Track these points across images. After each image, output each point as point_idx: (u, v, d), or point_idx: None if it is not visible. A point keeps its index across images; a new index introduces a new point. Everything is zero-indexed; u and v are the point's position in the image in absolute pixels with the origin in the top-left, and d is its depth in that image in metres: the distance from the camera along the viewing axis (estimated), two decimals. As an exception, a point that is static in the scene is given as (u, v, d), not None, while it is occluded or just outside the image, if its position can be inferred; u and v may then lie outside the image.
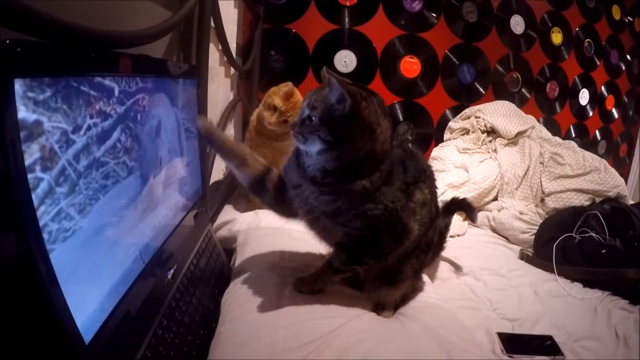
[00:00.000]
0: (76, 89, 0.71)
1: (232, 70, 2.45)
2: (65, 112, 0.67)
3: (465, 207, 1.85)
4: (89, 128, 0.74)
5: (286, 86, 1.89)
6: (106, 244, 0.83)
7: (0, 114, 0.55)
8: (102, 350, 0.78)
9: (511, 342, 1.44)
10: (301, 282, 1.24)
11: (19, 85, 0.57)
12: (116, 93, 0.86)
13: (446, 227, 1.81)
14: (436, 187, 1.36)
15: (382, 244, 1.19)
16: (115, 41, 0.93)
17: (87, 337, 0.73)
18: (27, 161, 0.59)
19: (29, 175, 0.59)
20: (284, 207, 1.28)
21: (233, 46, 2.27)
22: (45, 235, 0.63)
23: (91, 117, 0.75)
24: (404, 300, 1.33)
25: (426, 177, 1.27)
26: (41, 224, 0.62)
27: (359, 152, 1.09)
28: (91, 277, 0.77)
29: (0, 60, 0.55)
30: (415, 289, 1.38)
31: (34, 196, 0.60)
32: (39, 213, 0.61)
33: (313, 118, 1.08)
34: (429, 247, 1.35)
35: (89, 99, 0.75)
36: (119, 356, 0.84)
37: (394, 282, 1.26)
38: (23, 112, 0.58)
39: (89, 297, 0.76)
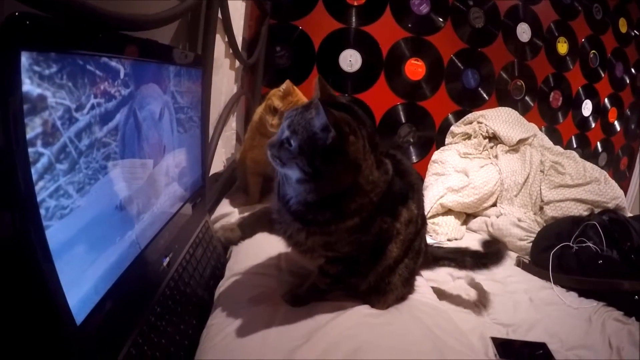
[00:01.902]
0: (82, 67, 0.71)
1: (237, 63, 2.45)
2: (69, 89, 0.67)
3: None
4: (92, 107, 0.74)
5: (285, 85, 1.84)
6: (103, 225, 0.82)
7: (5, 85, 0.55)
8: (93, 332, 0.77)
9: (505, 347, 1.44)
10: (292, 297, 1.22)
11: (25, 58, 0.57)
12: (121, 75, 0.86)
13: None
14: (423, 198, 1.34)
15: (361, 264, 1.17)
16: (124, 23, 0.92)
17: (79, 318, 0.72)
18: (29, 135, 0.58)
19: (30, 149, 0.59)
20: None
21: (239, 39, 2.27)
22: (42, 211, 0.62)
23: (95, 97, 0.75)
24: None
25: (414, 192, 1.24)
26: (39, 199, 0.61)
27: (340, 186, 1.02)
28: (86, 258, 0.76)
29: (8, 32, 0.55)
30: (407, 296, 1.35)
31: (33, 170, 0.59)
32: (37, 188, 0.60)
33: (292, 143, 0.99)
34: (418, 255, 1.32)
35: (94, 78, 0.74)
36: (110, 340, 0.84)
37: (383, 292, 1.25)
38: (27, 85, 0.57)
39: (82, 278, 0.75)
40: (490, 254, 1.59)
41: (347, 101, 1.10)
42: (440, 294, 1.77)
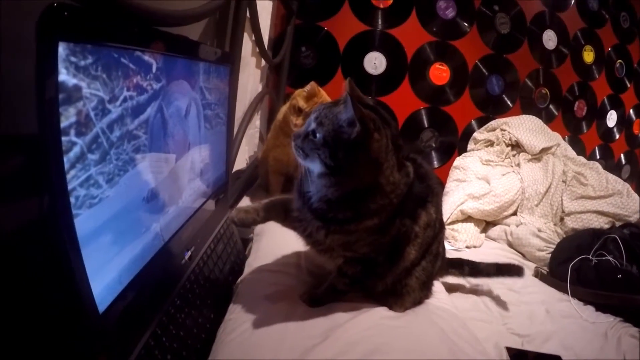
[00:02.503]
0: (116, 60, 0.72)
1: (263, 62, 2.46)
2: (104, 81, 0.68)
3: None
4: (124, 100, 0.75)
5: (309, 86, 1.84)
6: (130, 216, 0.84)
7: (42, 75, 0.56)
8: (115, 321, 0.78)
9: (520, 358, 1.43)
10: (310, 297, 1.22)
11: (62, 49, 0.58)
12: (153, 69, 0.87)
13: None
14: (442, 202, 1.34)
15: (379, 265, 1.18)
16: (157, 18, 0.94)
17: (102, 306, 0.74)
18: (63, 124, 0.59)
19: (63, 138, 0.60)
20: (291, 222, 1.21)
21: (265, 38, 2.28)
22: (72, 199, 0.63)
23: (128, 90, 0.76)
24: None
25: (434, 196, 1.24)
26: (69, 187, 0.62)
27: (361, 183, 1.03)
28: (112, 248, 0.77)
29: (46, 22, 0.56)
30: (424, 299, 1.35)
31: (65, 159, 0.61)
32: (68, 176, 0.62)
33: (317, 135, 1.00)
34: (436, 259, 1.33)
35: (127, 71, 0.76)
36: (130, 329, 0.85)
37: (400, 295, 1.25)
38: (64, 75, 0.58)
39: (107, 268, 0.76)
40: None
41: (373, 103, 1.09)
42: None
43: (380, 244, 1.12)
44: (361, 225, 1.06)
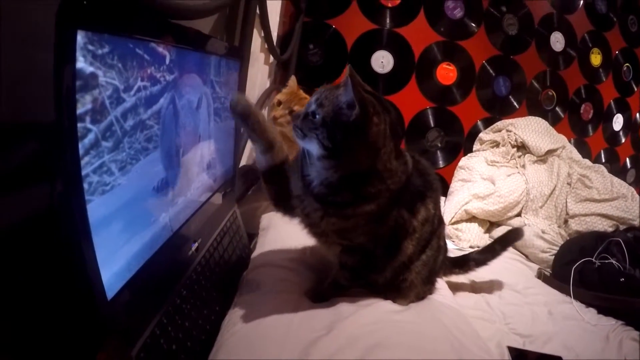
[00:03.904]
0: (132, 50, 0.73)
1: (271, 59, 2.47)
2: (119, 70, 0.69)
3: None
4: (138, 90, 0.76)
5: (290, 81, 1.96)
6: (140, 205, 0.85)
7: (60, 62, 0.58)
8: (122, 308, 0.79)
9: (521, 357, 1.43)
10: (314, 294, 1.23)
11: (80, 37, 0.59)
12: (167, 61, 0.88)
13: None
14: (440, 198, 1.34)
15: (377, 258, 1.18)
16: (172, 11, 0.95)
17: (110, 293, 0.75)
18: (79, 110, 0.60)
19: (79, 124, 0.61)
20: (287, 204, 1.20)
21: (274, 35, 2.29)
22: (85, 185, 0.64)
23: (142, 80, 0.77)
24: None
25: (432, 192, 1.25)
26: (83, 173, 0.63)
27: (358, 167, 1.03)
28: (122, 235, 0.78)
29: (66, 10, 0.57)
30: (427, 294, 1.37)
31: (80, 145, 0.62)
32: (82, 162, 0.63)
33: (317, 115, 1.01)
34: (437, 254, 1.33)
35: (142, 62, 0.77)
36: (138, 316, 0.86)
37: (402, 289, 1.26)
38: (81, 63, 0.60)
39: (117, 255, 0.77)
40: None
41: (374, 91, 1.09)
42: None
43: (377, 234, 1.13)
44: (358, 210, 1.06)
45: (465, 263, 1.66)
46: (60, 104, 0.58)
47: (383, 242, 1.16)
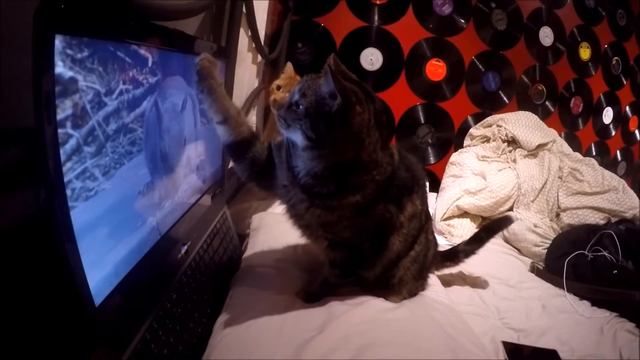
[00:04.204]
0: (113, 54, 0.72)
1: (259, 58, 2.46)
2: (100, 74, 0.68)
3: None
4: (120, 93, 0.75)
5: (287, 67, 1.99)
6: (126, 210, 0.84)
7: (39, 67, 0.57)
8: (111, 314, 0.79)
9: (516, 352, 1.43)
10: (305, 294, 1.23)
11: (59, 41, 0.58)
12: (149, 64, 0.87)
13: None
14: (427, 195, 1.33)
15: (365, 253, 1.18)
16: (154, 12, 0.94)
17: (98, 299, 0.74)
18: (59, 116, 0.60)
19: (59, 130, 0.60)
20: (264, 182, 1.18)
21: (261, 34, 2.28)
22: (68, 192, 0.63)
23: (124, 83, 0.76)
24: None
25: (419, 187, 1.24)
26: (66, 179, 0.63)
27: (343, 157, 1.02)
28: (108, 241, 0.77)
29: (43, 15, 0.56)
30: (419, 290, 1.37)
31: (61, 151, 0.61)
32: (64, 169, 0.62)
33: (300, 106, 1.00)
34: (427, 249, 1.33)
35: (123, 65, 0.76)
36: (127, 322, 0.85)
37: (392, 286, 1.25)
38: (60, 68, 0.59)
39: (103, 260, 0.76)
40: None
41: (358, 79, 1.09)
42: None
43: (362, 228, 1.12)
44: (343, 202, 1.05)
45: (455, 255, 1.67)
46: (40, 109, 0.57)
47: (369, 237, 1.15)
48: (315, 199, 1.07)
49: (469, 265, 1.93)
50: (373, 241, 1.16)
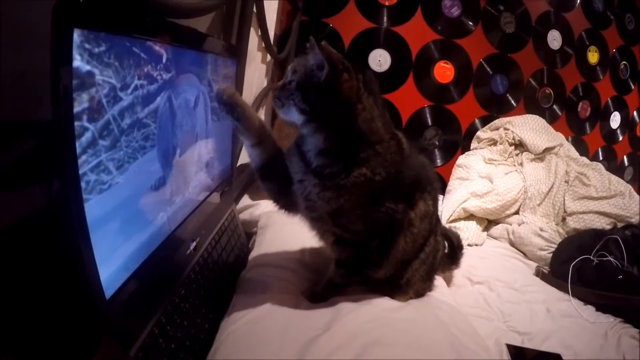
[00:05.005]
0: (128, 49, 0.73)
1: (268, 57, 2.47)
2: (116, 69, 0.69)
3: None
4: (135, 88, 0.76)
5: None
6: (138, 204, 0.85)
7: (57, 60, 0.57)
8: (121, 308, 0.79)
9: (520, 355, 1.43)
10: (311, 294, 1.23)
11: (77, 35, 0.59)
12: (164, 60, 0.88)
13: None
14: (438, 200, 1.33)
15: (372, 252, 1.18)
16: (168, 9, 0.95)
17: (108, 292, 0.74)
18: (76, 109, 0.60)
19: (76, 123, 0.61)
20: (287, 199, 1.20)
21: (271, 34, 2.29)
22: (82, 184, 0.64)
23: (139, 78, 0.77)
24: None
25: (432, 188, 1.25)
26: (80, 172, 0.63)
27: (340, 124, 1.04)
28: (120, 234, 0.78)
29: (62, 9, 0.57)
30: (426, 291, 1.37)
31: (77, 144, 0.62)
32: (80, 161, 0.63)
33: (292, 82, 1.04)
34: (436, 252, 1.34)
35: (139, 60, 0.77)
36: (136, 316, 0.86)
37: (400, 287, 1.26)
38: (78, 61, 0.60)
39: (115, 254, 0.77)
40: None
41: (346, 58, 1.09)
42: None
43: (373, 220, 1.12)
44: (352, 178, 1.05)
45: (455, 256, 1.72)
46: (57, 102, 0.58)
47: (377, 232, 1.15)
48: (326, 180, 1.07)
49: (475, 269, 1.94)
50: (381, 237, 1.16)
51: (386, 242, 1.18)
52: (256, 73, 2.28)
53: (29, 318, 0.75)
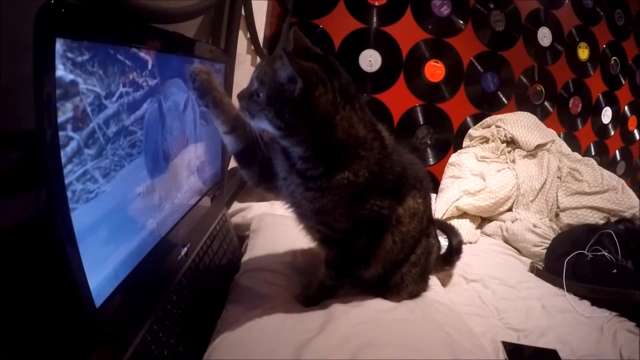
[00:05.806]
0: (113, 57, 0.73)
1: (258, 60, 2.47)
2: (100, 77, 0.69)
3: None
4: (121, 96, 0.76)
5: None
6: (126, 211, 0.84)
7: (40, 70, 0.57)
8: (111, 315, 0.79)
9: (515, 352, 1.43)
10: (304, 298, 1.23)
11: (59, 45, 0.59)
12: (149, 66, 0.88)
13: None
14: (430, 200, 1.32)
15: (360, 249, 1.17)
16: (153, 15, 0.94)
17: (98, 300, 0.74)
18: (60, 118, 0.60)
19: (60, 133, 0.61)
20: (270, 184, 1.16)
21: (260, 37, 2.28)
22: (68, 194, 0.64)
23: (124, 86, 0.77)
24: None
25: (422, 187, 1.23)
26: (66, 181, 0.63)
27: (320, 137, 1.00)
28: (108, 242, 0.78)
29: (44, 19, 0.57)
30: (421, 292, 1.37)
31: (62, 153, 0.62)
32: (65, 171, 0.63)
33: (260, 94, 0.96)
34: (429, 253, 1.33)
35: (123, 67, 0.77)
36: (127, 324, 0.86)
37: (391, 289, 1.26)
38: (61, 71, 0.59)
39: (104, 262, 0.77)
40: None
41: (322, 52, 1.07)
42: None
43: (358, 217, 1.10)
44: (334, 181, 1.03)
45: (450, 257, 1.71)
46: (41, 112, 0.58)
47: (364, 229, 1.14)
48: (309, 181, 1.05)
49: (469, 266, 1.94)
50: (369, 235, 1.15)
51: (374, 239, 1.17)
52: (246, 76, 2.25)
53: (23, 324, 0.75)
